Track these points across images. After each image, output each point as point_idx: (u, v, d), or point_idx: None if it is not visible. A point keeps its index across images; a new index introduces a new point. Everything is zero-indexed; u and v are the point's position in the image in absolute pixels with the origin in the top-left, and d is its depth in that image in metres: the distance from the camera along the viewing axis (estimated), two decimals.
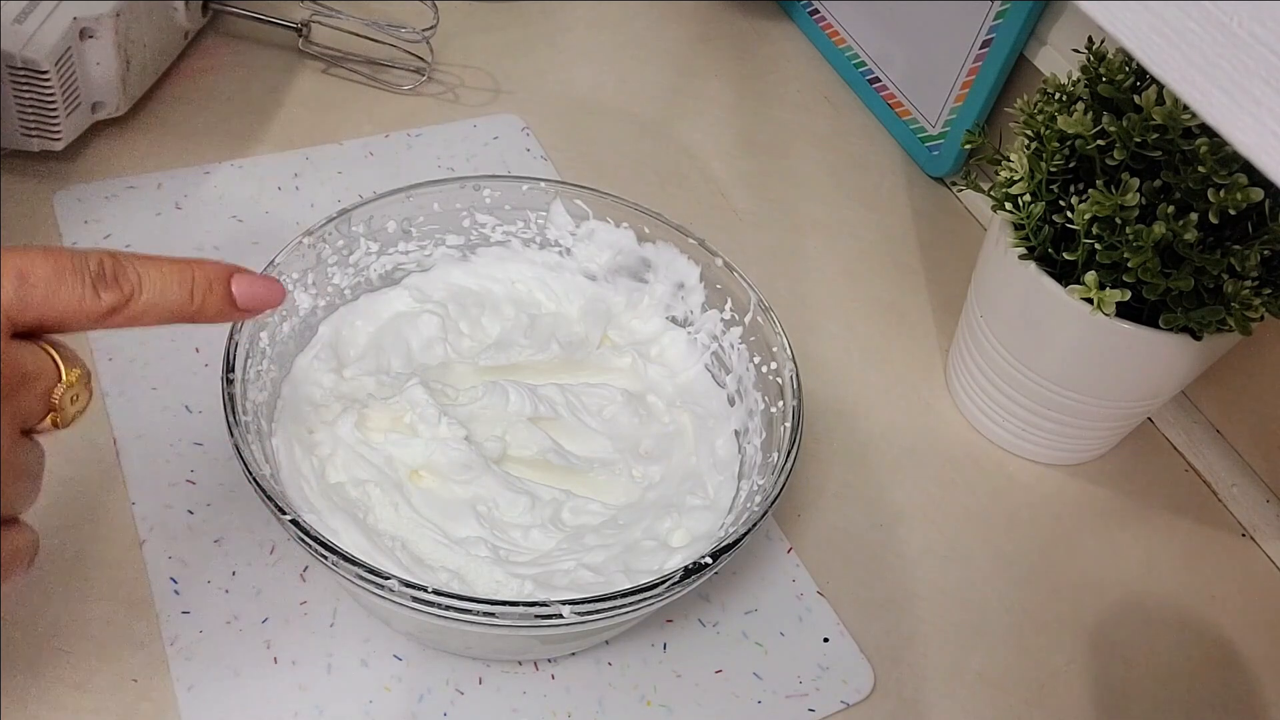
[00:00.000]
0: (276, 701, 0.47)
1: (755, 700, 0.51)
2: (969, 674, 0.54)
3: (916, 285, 0.73)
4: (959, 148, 0.76)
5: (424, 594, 0.40)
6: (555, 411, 0.54)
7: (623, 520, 0.51)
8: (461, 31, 0.82)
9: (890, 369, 0.67)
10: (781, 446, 0.49)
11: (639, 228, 0.58)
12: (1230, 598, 0.59)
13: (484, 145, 0.74)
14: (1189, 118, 0.50)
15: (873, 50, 0.84)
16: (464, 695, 0.49)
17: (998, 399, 0.62)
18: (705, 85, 0.84)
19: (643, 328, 0.59)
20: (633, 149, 0.77)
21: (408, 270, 0.58)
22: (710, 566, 0.44)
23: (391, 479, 0.50)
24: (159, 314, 0.36)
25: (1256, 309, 0.51)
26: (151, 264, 0.36)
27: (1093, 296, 0.53)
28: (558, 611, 0.41)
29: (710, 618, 0.53)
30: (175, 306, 0.36)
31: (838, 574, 0.56)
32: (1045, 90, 0.57)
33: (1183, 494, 0.64)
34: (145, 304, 0.35)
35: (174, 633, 0.49)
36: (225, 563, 0.51)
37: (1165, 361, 0.55)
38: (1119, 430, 0.63)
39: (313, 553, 0.42)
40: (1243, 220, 0.52)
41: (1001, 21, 0.72)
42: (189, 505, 0.53)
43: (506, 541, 0.49)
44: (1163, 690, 0.55)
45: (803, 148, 0.81)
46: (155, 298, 0.35)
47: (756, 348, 0.55)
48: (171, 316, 0.36)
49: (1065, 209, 0.54)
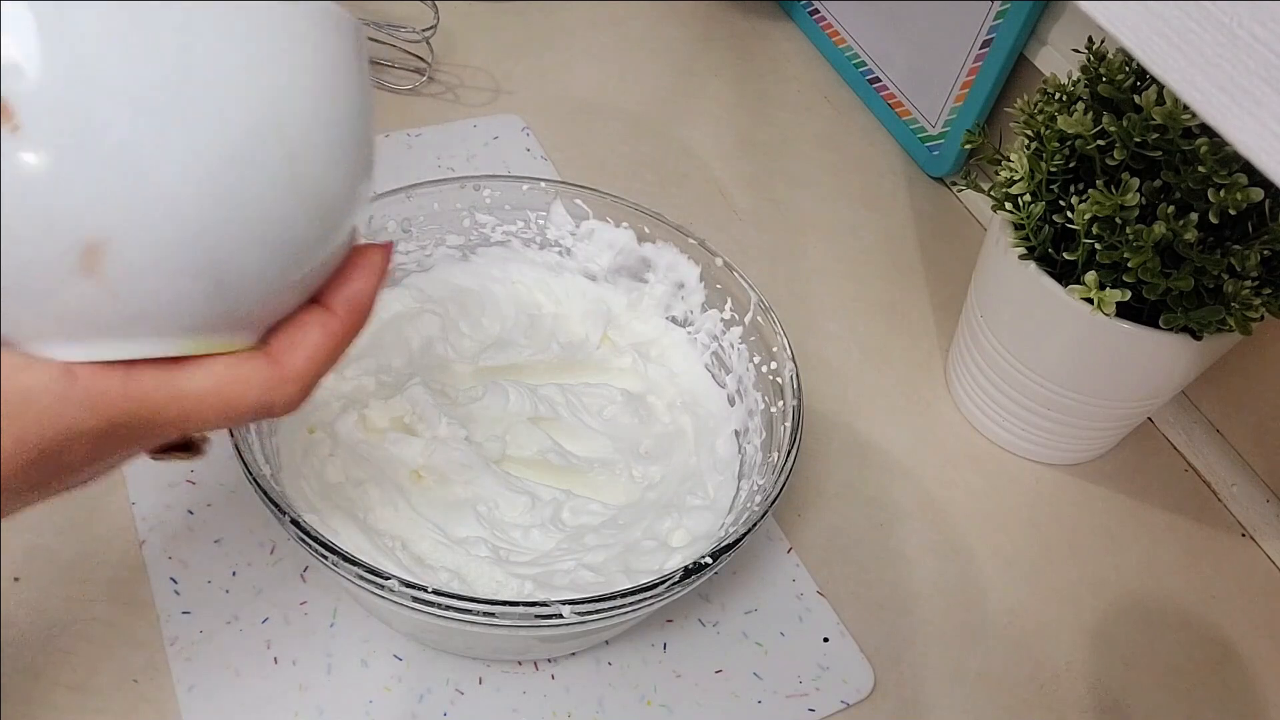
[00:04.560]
0: (276, 701, 0.47)
1: (755, 700, 0.51)
2: (969, 674, 0.54)
3: (916, 285, 0.73)
4: (959, 148, 0.76)
5: (424, 594, 0.40)
6: (555, 411, 0.54)
7: (623, 520, 0.51)
8: (461, 31, 0.82)
9: (890, 369, 0.67)
10: (781, 446, 0.49)
11: (639, 228, 0.58)
12: (1230, 598, 0.59)
13: (484, 145, 0.74)
14: (1189, 118, 0.50)
15: (873, 50, 0.84)
16: (464, 695, 0.49)
17: (998, 399, 0.62)
18: (705, 85, 0.84)
19: (643, 328, 0.59)
20: (633, 149, 0.77)
21: (408, 270, 0.58)
22: (710, 566, 0.44)
23: (391, 479, 0.50)
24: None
25: (1256, 309, 0.51)
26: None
27: (1093, 296, 0.53)
28: (558, 611, 0.41)
29: (710, 618, 0.53)
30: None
31: (838, 574, 0.56)
32: (1045, 90, 0.57)
33: (1183, 494, 0.64)
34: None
35: (174, 633, 0.49)
36: (225, 563, 0.51)
37: (1165, 361, 0.55)
38: (1119, 430, 0.63)
39: (313, 553, 0.42)
40: (1243, 220, 0.52)
41: (1001, 21, 0.72)
42: (189, 505, 0.53)
43: (506, 541, 0.49)
44: (1163, 690, 0.55)
45: (803, 148, 0.81)
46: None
47: (756, 348, 0.55)
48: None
49: (1065, 209, 0.54)
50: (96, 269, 0.27)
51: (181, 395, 0.31)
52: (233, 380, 0.31)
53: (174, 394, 0.31)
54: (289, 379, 0.32)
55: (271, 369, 0.32)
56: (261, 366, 0.32)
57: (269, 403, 0.32)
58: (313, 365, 0.33)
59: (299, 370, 0.33)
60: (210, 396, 0.31)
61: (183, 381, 0.31)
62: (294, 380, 0.33)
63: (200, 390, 0.31)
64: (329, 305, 0.34)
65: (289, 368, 0.32)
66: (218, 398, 0.31)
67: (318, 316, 0.33)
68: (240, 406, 0.32)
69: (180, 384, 0.31)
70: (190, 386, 0.31)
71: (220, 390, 0.31)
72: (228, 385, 0.31)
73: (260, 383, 0.32)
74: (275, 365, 0.32)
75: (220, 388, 0.31)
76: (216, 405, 0.31)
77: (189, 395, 0.31)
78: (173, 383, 0.31)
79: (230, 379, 0.31)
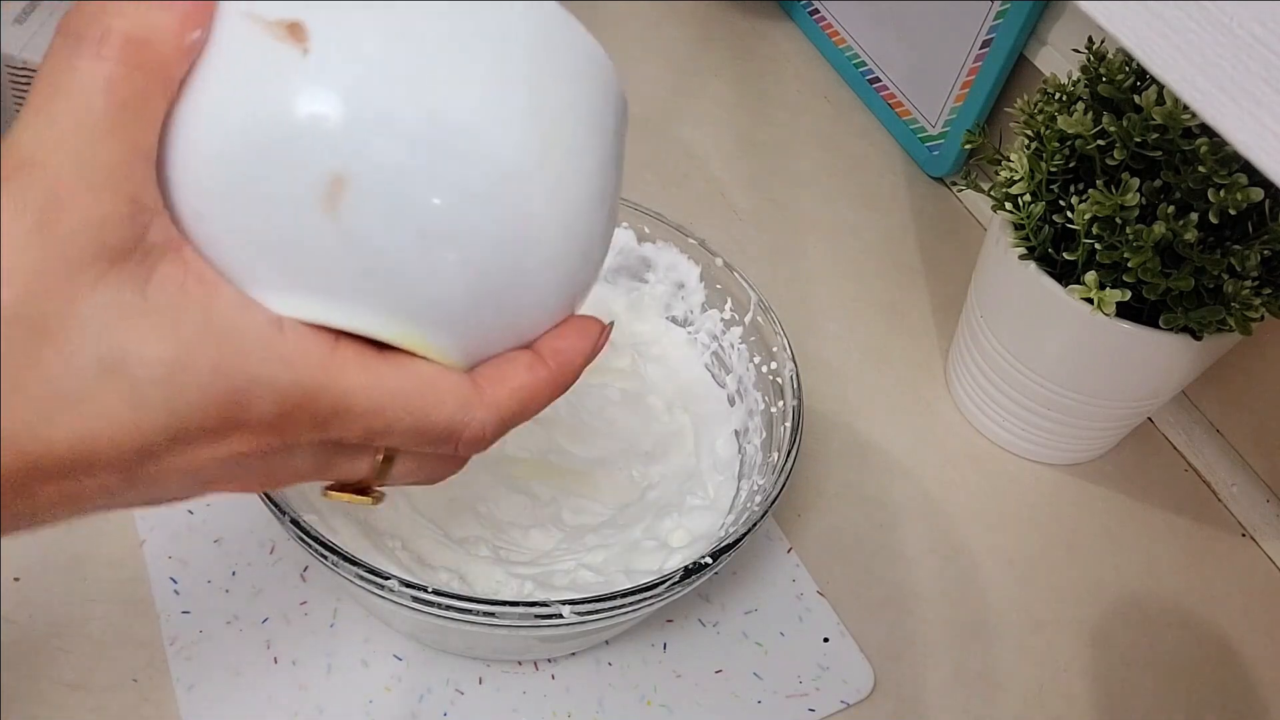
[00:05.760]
0: (276, 701, 0.47)
1: (755, 700, 0.51)
2: (969, 674, 0.54)
3: (916, 285, 0.73)
4: (959, 148, 0.76)
5: (424, 594, 0.40)
6: (555, 411, 0.54)
7: (623, 520, 0.51)
8: None
9: (890, 369, 0.67)
10: (781, 446, 0.49)
11: (639, 228, 0.58)
12: (1230, 598, 0.59)
13: None
14: (1189, 118, 0.50)
15: (873, 50, 0.84)
16: (464, 695, 0.49)
17: (998, 399, 0.62)
18: (705, 85, 0.84)
19: (643, 328, 0.59)
20: (633, 149, 0.77)
21: None
22: (710, 566, 0.44)
23: None
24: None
25: (1256, 309, 0.51)
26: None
27: (1093, 296, 0.53)
28: (558, 611, 0.41)
29: (710, 618, 0.53)
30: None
31: (838, 574, 0.56)
32: (1045, 90, 0.57)
33: (1183, 494, 0.64)
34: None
35: (174, 632, 0.49)
36: (225, 563, 0.51)
37: (1165, 361, 0.55)
38: (1119, 430, 0.63)
39: (313, 553, 0.42)
40: (1243, 220, 0.52)
41: (1001, 21, 0.72)
42: (189, 505, 0.53)
43: (506, 541, 0.49)
44: (1163, 690, 0.55)
45: (803, 148, 0.81)
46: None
47: (756, 347, 0.55)
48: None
49: (1065, 209, 0.54)
50: (339, 205, 0.26)
51: (379, 384, 0.29)
52: (433, 387, 0.30)
53: (372, 380, 0.29)
54: (488, 405, 0.31)
55: (473, 390, 0.30)
56: (463, 383, 0.30)
57: (461, 424, 0.30)
58: (513, 402, 0.31)
59: (499, 401, 0.31)
60: (406, 397, 0.29)
61: (385, 370, 0.29)
62: (492, 408, 0.31)
63: (398, 387, 0.29)
64: (540, 353, 0.32)
65: (490, 395, 0.31)
66: (414, 401, 0.29)
67: (527, 359, 0.32)
68: (433, 419, 0.30)
69: (381, 372, 0.29)
70: (391, 378, 0.29)
71: (419, 393, 0.29)
72: (428, 391, 0.30)
73: (458, 400, 0.30)
74: (477, 389, 0.31)
75: (420, 390, 0.29)
76: (409, 409, 0.29)
77: (386, 388, 0.29)
78: (375, 368, 0.29)
79: (431, 385, 0.30)
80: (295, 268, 0.27)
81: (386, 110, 0.26)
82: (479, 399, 0.30)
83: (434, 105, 0.27)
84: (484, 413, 0.31)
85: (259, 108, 0.26)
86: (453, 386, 0.30)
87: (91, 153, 0.25)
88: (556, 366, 0.32)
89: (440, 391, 0.30)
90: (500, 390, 0.31)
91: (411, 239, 0.27)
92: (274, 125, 0.26)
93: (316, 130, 0.26)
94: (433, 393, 0.30)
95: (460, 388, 0.30)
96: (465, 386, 0.30)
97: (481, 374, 0.31)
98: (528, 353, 0.32)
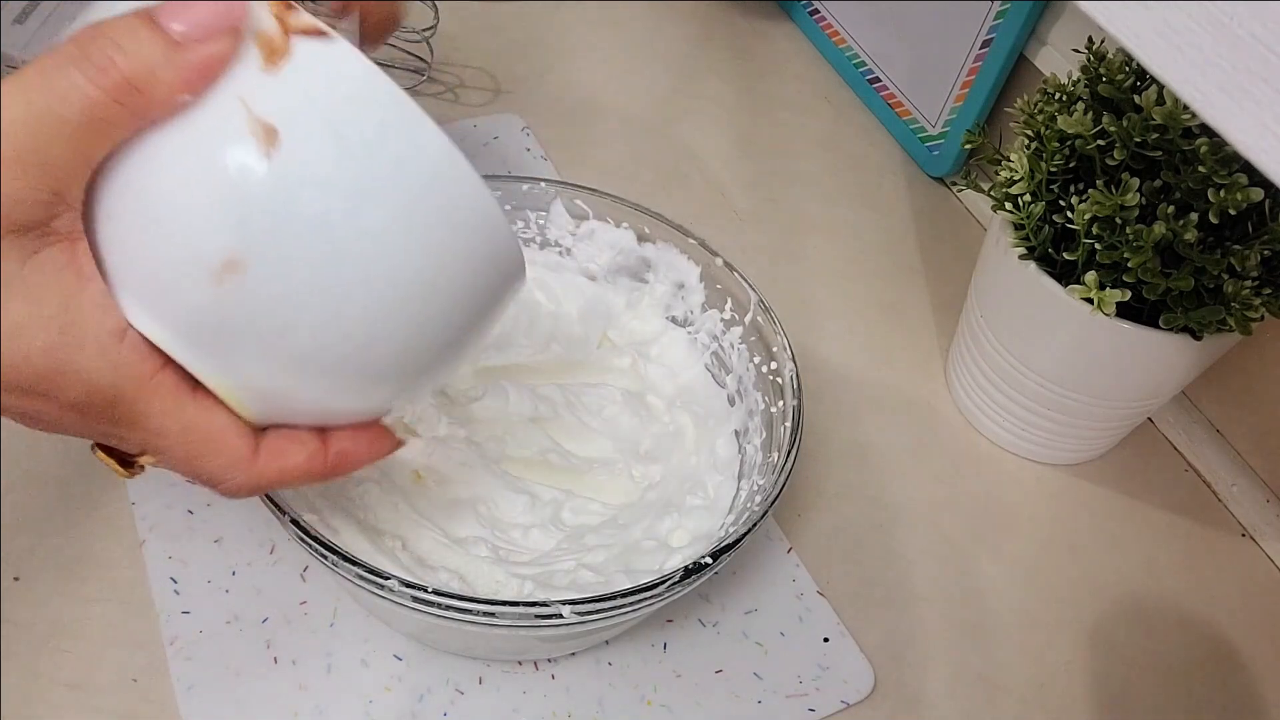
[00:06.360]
0: (276, 701, 0.47)
1: (755, 700, 0.51)
2: (969, 674, 0.54)
3: (916, 285, 0.73)
4: (959, 148, 0.76)
5: (424, 594, 0.40)
6: (555, 411, 0.54)
7: (623, 520, 0.51)
8: (461, 32, 0.82)
9: (890, 369, 0.67)
10: (781, 446, 0.49)
11: (639, 228, 0.58)
12: (1230, 598, 0.59)
13: (484, 145, 0.74)
14: (1189, 118, 0.50)
15: (873, 50, 0.84)
16: (464, 695, 0.49)
17: (998, 399, 0.62)
18: (705, 85, 0.84)
19: (643, 328, 0.59)
20: (633, 149, 0.77)
21: None
22: (710, 566, 0.44)
23: (392, 479, 0.50)
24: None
25: (1256, 309, 0.51)
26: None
27: (1093, 296, 0.53)
28: (558, 611, 0.41)
29: (710, 618, 0.53)
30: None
31: (838, 574, 0.56)
32: (1045, 90, 0.57)
33: (1183, 494, 0.64)
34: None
35: (174, 633, 0.49)
36: (225, 563, 0.51)
37: (1165, 361, 0.55)
38: (1119, 430, 0.63)
39: (313, 553, 0.42)
40: (1243, 220, 0.52)
41: (1001, 21, 0.72)
42: (189, 505, 0.53)
43: (506, 541, 0.49)
44: (1163, 690, 0.55)
45: (803, 148, 0.81)
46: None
47: (756, 347, 0.55)
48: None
49: (1065, 209, 0.54)
50: (225, 283, 0.30)
51: (176, 416, 0.32)
52: (216, 440, 0.33)
53: (173, 409, 0.32)
54: (253, 475, 0.34)
55: (248, 457, 0.34)
56: (243, 447, 0.34)
57: (221, 479, 0.34)
58: (278, 480, 0.35)
59: (266, 477, 0.34)
60: (190, 437, 0.33)
61: (188, 406, 0.33)
62: (255, 479, 0.34)
63: (191, 425, 0.33)
64: (327, 447, 0.35)
65: (260, 468, 0.34)
66: (195, 444, 0.33)
67: (311, 449, 0.35)
68: (202, 464, 0.34)
69: (185, 406, 0.33)
70: (188, 415, 0.33)
71: (203, 439, 0.33)
72: (210, 440, 0.33)
73: (230, 459, 0.34)
74: (251, 457, 0.34)
75: (205, 437, 0.33)
76: (188, 447, 0.33)
77: (180, 421, 0.33)
78: (180, 401, 0.32)
79: (216, 437, 0.33)
80: (165, 302, 0.31)
81: (301, 237, 0.30)
82: (248, 465, 0.34)
83: (337, 250, 0.30)
84: (245, 478, 0.34)
85: (204, 173, 0.29)
86: (232, 447, 0.34)
87: (46, 146, 0.28)
88: (334, 464, 0.36)
89: (219, 445, 0.33)
90: (271, 466, 0.34)
91: (268, 335, 0.31)
92: (208, 191, 0.29)
93: (242, 219, 0.29)
94: (213, 444, 0.33)
95: (238, 450, 0.34)
96: (243, 450, 0.34)
97: (266, 444, 0.34)
98: (315, 441, 0.35)
